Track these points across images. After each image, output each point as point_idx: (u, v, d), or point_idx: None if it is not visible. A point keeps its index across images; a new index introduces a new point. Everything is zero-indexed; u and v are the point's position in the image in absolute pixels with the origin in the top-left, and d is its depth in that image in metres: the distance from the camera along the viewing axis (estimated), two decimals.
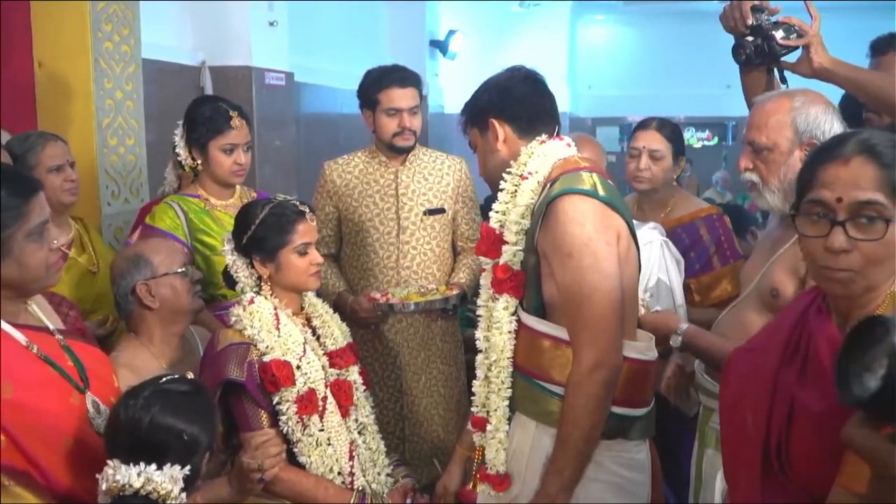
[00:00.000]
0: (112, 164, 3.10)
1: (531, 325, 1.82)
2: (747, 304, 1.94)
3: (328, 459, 1.98)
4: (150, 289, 2.00)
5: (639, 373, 1.81)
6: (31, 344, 1.57)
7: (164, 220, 2.52)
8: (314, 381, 1.97)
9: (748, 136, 1.92)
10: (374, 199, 2.89)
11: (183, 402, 1.58)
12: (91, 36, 2.97)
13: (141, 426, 1.52)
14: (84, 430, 1.60)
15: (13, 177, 1.55)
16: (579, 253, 1.70)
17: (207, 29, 3.99)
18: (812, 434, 1.28)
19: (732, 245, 2.69)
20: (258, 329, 1.94)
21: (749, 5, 2.07)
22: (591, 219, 1.72)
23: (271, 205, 2.02)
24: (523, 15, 9.32)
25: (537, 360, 1.80)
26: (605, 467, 1.78)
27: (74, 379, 1.62)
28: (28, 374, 1.53)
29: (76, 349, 1.67)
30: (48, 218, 1.57)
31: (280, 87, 4.32)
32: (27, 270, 1.53)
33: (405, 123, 2.82)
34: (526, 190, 1.82)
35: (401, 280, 2.88)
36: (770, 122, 1.87)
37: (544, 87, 1.93)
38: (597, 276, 1.70)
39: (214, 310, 2.49)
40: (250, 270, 2.02)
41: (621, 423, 1.79)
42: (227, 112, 2.55)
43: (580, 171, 1.80)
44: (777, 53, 2.04)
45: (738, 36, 2.12)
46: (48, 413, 1.53)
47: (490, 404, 1.86)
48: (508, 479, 1.83)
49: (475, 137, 1.95)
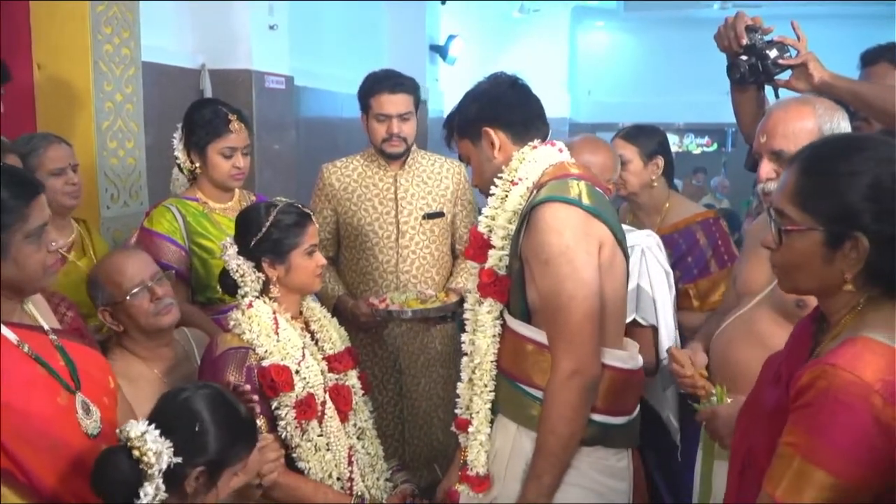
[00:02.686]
0: (111, 166, 3.10)
1: (515, 328, 1.83)
2: (760, 314, 1.90)
3: (327, 465, 1.97)
4: (112, 314, 1.99)
5: (620, 381, 1.81)
6: (21, 342, 1.55)
7: (161, 223, 2.51)
8: (313, 385, 1.96)
9: (771, 144, 1.88)
10: (373, 203, 2.89)
11: (226, 409, 1.61)
12: (91, 38, 2.97)
13: (177, 398, 1.57)
14: (71, 433, 1.57)
15: (15, 178, 1.55)
16: (557, 261, 1.71)
17: (207, 32, 3.99)
18: (763, 431, 1.31)
19: (730, 249, 2.68)
20: (257, 333, 1.93)
21: (743, 25, 2.09)
22: (570, 227, 1.73)
23: (278, 207, 2.01)
24: (523, 20, 9.34)
25: (520, 364, 1.81)
26: (584, 473, 1.79)
27: (65, 379, 1.60)
28: (15, 374, 1.51)
29: (69, 349, 1.65)
30: (48, 220, 1.57)
31: (280, 91, 4.32)
32: (24, 271, 1.53)
33: (393, 130, 2.81)
34: (515, 195, 1.83)
35: (400, 284, 2.88)
36: (796, 129, 1.85)
37: (531, 92, 1.94)
38: (574, 284, 1.71)
39: (213, 313, 2.49)
40: (256, 274, 2.01)
41: (601, 430, 1.80)
42: (226, 115, 2.54)
43: (568, 179, 1.80)
44: (772, 72, 2.07)
45: (733, 55, 2.14)
46: (34, 414, 1.52)
47: (472, 406, 1.87)
48: (488, 481, 1.85)
49: (467, 148, 1.95)
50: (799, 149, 1.34)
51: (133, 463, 1.46)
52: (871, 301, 1.23)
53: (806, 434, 1.15)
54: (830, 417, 1.13)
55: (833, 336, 1.26)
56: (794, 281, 1.31)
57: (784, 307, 1.83)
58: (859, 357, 1.15)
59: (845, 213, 1.20)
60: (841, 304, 1.26)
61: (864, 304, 1.23)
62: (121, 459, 1.47)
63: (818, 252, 1.23)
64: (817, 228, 1.23)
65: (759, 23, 2.12)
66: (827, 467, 1.12)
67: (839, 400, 1.13)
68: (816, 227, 1.23)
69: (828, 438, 1.13)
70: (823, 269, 1.24)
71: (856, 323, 1.23)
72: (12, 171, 1.59)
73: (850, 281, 1.22)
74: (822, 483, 1.12)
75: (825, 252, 1.23)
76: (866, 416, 1.11)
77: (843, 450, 1.12)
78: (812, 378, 1.16)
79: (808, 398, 1.16)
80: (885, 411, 1.11)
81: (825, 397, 1.14)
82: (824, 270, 1.24)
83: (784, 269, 1.31)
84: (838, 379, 1.13)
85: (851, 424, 1.12)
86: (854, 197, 1.19)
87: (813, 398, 1.16)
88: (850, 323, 1.24)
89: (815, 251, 1.23)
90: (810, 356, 1.29)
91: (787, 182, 1.28)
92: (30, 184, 1.57)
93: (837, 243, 1.21)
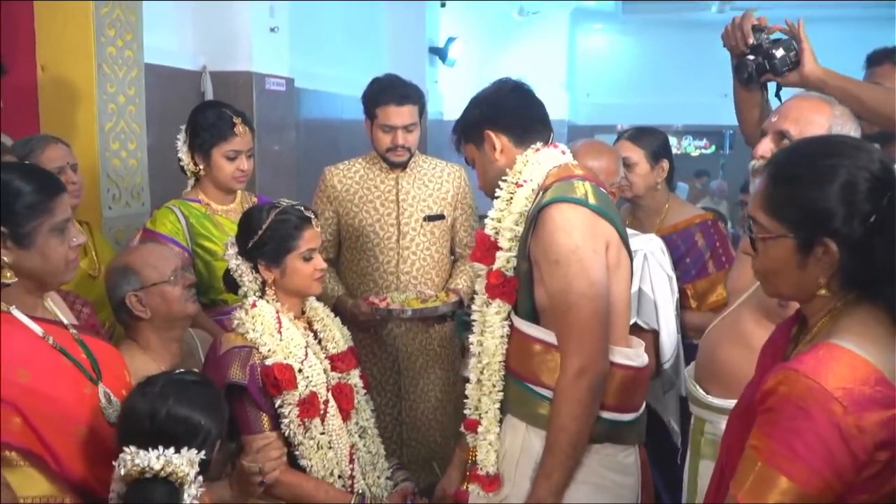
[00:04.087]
0: (114, 168, 3.12)
1: (523, 329, 1.85)
2: (745, 314, 1.93)
3: (329, 463, 1.99)
4: (141, 300, 2.00)
5: (628, 379, 1.83)
6: (46, 335, 1.62)
7: (164, 224, 2.53)
8: (316, 384, 1.98)
9: (779, 124, 1.89)
10: (375, 205, 2.91)
11: (196, 392, 1.66)
12: (94, 40, 2.99)
13: (159, 415, 1.59)
14: (96, 420, 1.64)
15: (41, 174, 1.64)
16: (566, 260, 1.73)
17: (209, 34, 4.00)
18: (735, 430, 1.34)
19: (727, 250, 2.71)
20: (260, 332, 1.95)
21: (750, 25, 2.11)
22: (578, 227, 1.75)
23: (277, 210, 2.03)
24: (522, 23, 9.35)
25: (528, 364, 1.83)
26: (593, 470, 1.81)
27: (87, 370, 1.66)
28: (43, 363, 1.58)
29: (89, 343, 1.72)
30: (70, 216, 1.64)
31: (281, 93, 4.34)
32: (49, 263, 1.59)
33: (398, 141, 2.83)
34: (520, 197, 1.85)
35: (400, 285, 2.90)
36: (809, 117, 1.87)
37: (533, 95, 1.96)
38: (583, 283, 1.73)
39: (215, 314, 2.50)
40: (254, 275, 2.03)
41: (610, 427, 1.82)
42: (231, 118, 2.56)
43: (573, 180, 1.82)
44: (779, 71, 2.08)
45: (739, 55, 2.16)
46: (62, 401, 1.58)
47: (482, 406, 1.89)
48: (498, 480, 1.86)
49: (471, 152, 1.98)
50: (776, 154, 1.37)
51: (164, 486, 1.51)
52: (847, 305, 1.24)
53: (767, 438, 1.16)
54: (790, 423, 1.14)
55: (808, 340, 1.27)
56: (775, 286, 1.33)
57: (767, 307, 1.86)
58: (822, 364, 1.16)
59: (813, 218, 1.22)
60: (818, 308, 1.28)
61: (840, 309, 1.25)
62: (154, 489, 1.51)
63: (792, 258, 1.25)
64: (787, 235, 1.25)
65: (765, 22, 2.13)
66: (787, 473, 1.13)
67: (799, 406, 1.14)
68: (787, 233, 1.25)
69: (788, 445, 1.14)
70: (799, 274, 1.25)
71: (829, 328, 1.24)
72: (36, 169, 1.68)
73: (824, 286, 1.24)
74: (783, 489, 1.13)
75: (798, 258, 1.24)
76: (825, 423, 1.12)
77: (802, 457, 1.12)
78: (776, 383, 1.18)
79: (771, 403, 1.18)
80: (844, 419, 1.12)
81: (786, 402, 1.15)
82: (800, 276, 1.26)
83: (763, 276, 1.33)
84: (799, 385, 1.15)
85: (810, 431, 1.13)
86: (821, 203, 1.21)
87: (775, 403, 1.17)
88: (825, 327, 1.25)
89: (789, 257, 1.25)
90: (785, 358, 1.31)
91: (759, 190, 1.30)
92: (54, 180, 1.66)
93: (808, 249, 1.23)
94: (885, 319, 1.22)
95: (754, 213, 1.30)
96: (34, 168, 1.64)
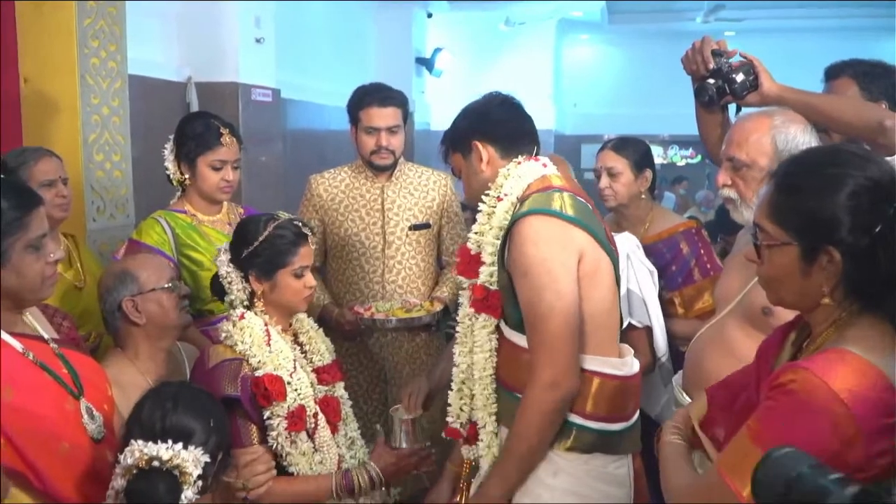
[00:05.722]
0: (98, 179, 3.10)
1: (512, 339, 1.85)
2: (730, 322, 1.94)
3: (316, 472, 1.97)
4: (137, 305, 2.00)
5: (613, 388, 1.82)
6: (26, 351, 1.59)
7: (150, 235, 2.52)
8: (304, 397, 1.97)
9: (728, 151, 1.96)
10: (360, 214, 2.91)
11: (206, 402, 1.67)
12: (77, 52, 2.98)
13: (171, 415, 1.59)
14: (79, 436, 1.61)
15: (16, 189, 1.59)
16: (535, 271, 1.74)
17: (194, 45, 4.00)
18: (731, 433, 1.33)
19: (712, 257, 2.74)
20: (249, 344, 1.93)
21: (710, 50, 2.16)
22: (546, 239, 1.75)
23: (276, 223, 2.01)
24: (509, 34, 9.40)
25: (517, 374, 1.82)
26: (582, 481, 1.80)
27: (69, 385, 1.63)
28: (26, 380, 1.55)
29: (70, 357, 1.69)
30: (47, 231, 1.60)
31: (267, 104, 4.34)
32: (24, 280, 1.56)
33: (382, 142, 2.84)
34: (500, 211, 1.85)
35: (386, 294, 2.89)
36: (751, 139, 1.92)
37: (521, 109, 1.98)
38: (552, 295, 1.73)
39: (201, 325, 2.49)
40: (244, 284, 2.02)
41: (598, 438, 1.81)
42: (218, 129, 2.55)
43: (551, 191, 1.82)
44: (739, 94, 2.12)
45: (700, 79, 2.20)
46: (46, 418, 1.55)
47: (478, 421, 1.88)
48: None
49: (458, 162, 1.99)
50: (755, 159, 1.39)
51: (168, 479, 1.50)
52: (851, 316, 1.25)
53: (764, 420, 1.18)
54: (791, 413, 1.16)
55: (814, 349, 1.28)
56: (778, 294, 1.33)
57: (751, 316, 1.87)
58: (832, 365, 1.17)
59: (818, 227, 1.23)
60: (822, 318, 1.28)
61: (845, 319, 1.25)
62: (158, 481, 1.50)
63: (796, 266, 1.26)
64: (792, 243, 1.25)
65: (724, 46, 2.19)
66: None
67: (802, 400, 1.16)
68: (791, 241, 1.25)
69: (780, 431, 1.15)
70: (803, 282, 1.26)
71: (836, 337, 1.24)
72: (13, 183, 1.62)
73: (827, 294, 1.24)
74: None
75: (802, 266, 1.25)
76: (825, 421, 1.13)
77: (792, 443, 1.12)
78: (787, 379, 1.19)
79: (777, 393, 1.19)
80: (844, 420, 1.13)
81: (792, 395, 1.17)
82: (804, 284, 1.26)
83: (768, 283, 1.34)
84: (808, 382, 1.16)
85: (808, 424, 1.14)
86: (826, 211, 1.22)
87: (781, 393, 1.19)
88: (830, 337, 1.26)
89: (793, 265, 1.26)
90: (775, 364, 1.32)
91: (764, 198, 1.31)
92: (30, 195, 1.61)
93: (812, 257, 1.24)
94: (888, 330, 1.23)
95: (759, 220, 1.30)
96: (9, 183, 1.59)
